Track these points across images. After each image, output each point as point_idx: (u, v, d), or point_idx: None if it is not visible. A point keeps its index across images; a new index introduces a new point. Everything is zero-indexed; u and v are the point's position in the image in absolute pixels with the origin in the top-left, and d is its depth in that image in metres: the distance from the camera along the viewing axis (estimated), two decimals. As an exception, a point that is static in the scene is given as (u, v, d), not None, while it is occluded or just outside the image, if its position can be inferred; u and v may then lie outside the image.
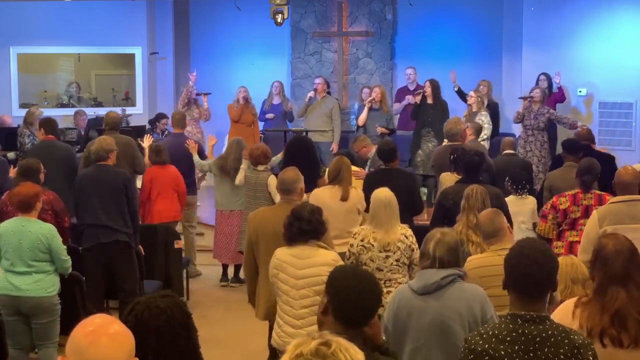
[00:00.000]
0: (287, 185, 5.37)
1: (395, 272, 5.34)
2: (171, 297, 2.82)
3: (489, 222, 4.70)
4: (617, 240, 3.56)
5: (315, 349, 2.05)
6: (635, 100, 11.33)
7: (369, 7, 13.07)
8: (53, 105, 12.77)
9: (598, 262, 3.52)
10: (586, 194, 5.99)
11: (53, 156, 7.83)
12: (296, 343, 2.09)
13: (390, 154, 7.11)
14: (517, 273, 2.98)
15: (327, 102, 11.40)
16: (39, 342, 5.65)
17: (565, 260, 5.02)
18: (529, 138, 10.24)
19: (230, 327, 7.30)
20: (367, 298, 3.04)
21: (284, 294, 4.60)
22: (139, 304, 2.77)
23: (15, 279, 5.51)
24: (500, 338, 2.92)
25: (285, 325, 4.60)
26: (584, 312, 3.43)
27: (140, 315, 2.72)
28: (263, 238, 5.19)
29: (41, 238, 5.53)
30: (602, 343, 3.34)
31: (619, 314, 3.36)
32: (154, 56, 13.40)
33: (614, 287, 3.42)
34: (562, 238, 6.01)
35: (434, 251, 3.85)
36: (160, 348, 2.69)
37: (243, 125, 11.00)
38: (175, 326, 2.73)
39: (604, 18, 11.50)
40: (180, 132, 8.90)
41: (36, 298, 5.53)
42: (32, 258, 5.53)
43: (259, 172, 7.67)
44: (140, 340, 2.62)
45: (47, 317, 5.60)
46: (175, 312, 2.75)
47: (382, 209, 5.38)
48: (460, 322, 3.74)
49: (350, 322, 2.92)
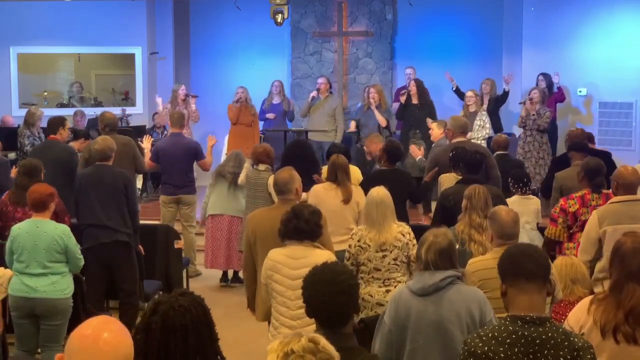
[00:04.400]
0: (280, 186, 5.33)
1: (393, 271, 5.33)
2: (190, 294, 2.82)
3: (512, 224, 4.47)
4: (636, 238, 3.57)
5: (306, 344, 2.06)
6: (635, 100, 11.33)
7: (369, 7, 13.07)
8: (53, 105, 12.78)
9: (616, 260, 3.54)
10: (594, 194, 5.95)
11: (54, 156, 7.84)
12: (282, 342, 2.11)
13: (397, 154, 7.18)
14: (508, 264, 3.09)
15: (330, 101, 11.41)
16: (45, 344, 5.61)
17: (565, 260, 5.02)
18: (528, 139, 10.23)
19: (230, 327, 7.29)
20: (338, 299, 3.12)
21: (279, 294, 4.56)
22: (161, 304, 2.73)
23: (31, 280, 5.48)
24: (500, 340, 2.92)
25: (281, 326, 4.55)
26: (599, 308, 3.44)
27: (166, 316, 2.68)
28: (261, 238, 5.15)
29: (57, 239, 5.52)
30: (616, 339, 3.36)
31: (634, 311, 3.38)
32: (154, 56, 13.40)
33: (630, 284, 3.43)
34: (573, 239, 5.95)
35: (426, 256, 3.84)
36: (187, 348, 2.67)
37: (242, 126, 11.00)
38: (199, 324, 2.72)
39: (604, 18, 11.50)
40: (178, 131, 8.90)
41: (53, 300, 5.51)
42: (48, 259, 5.51)
43: (260, 171, 7.64)
44: (167, 341, 2.63)
45: (60, 319, 5.58)
46: (198, 309, 2.74)
47: (373, 208, 5.37)
48: (458, 324, 3.73)
49: (327, 324, 2.99)
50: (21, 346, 5.59)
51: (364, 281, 5.34)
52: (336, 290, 3.15)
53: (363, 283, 5.31)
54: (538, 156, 10.16)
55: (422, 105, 10.33)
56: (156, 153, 8.64)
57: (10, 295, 5.44)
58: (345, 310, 3.16)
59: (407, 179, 7.25)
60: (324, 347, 2.08)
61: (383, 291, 5.30)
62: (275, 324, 4.61)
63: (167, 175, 8.72)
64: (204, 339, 2.73)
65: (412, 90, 10.44)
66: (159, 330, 2.65)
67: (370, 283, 5.35)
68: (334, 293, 3.14)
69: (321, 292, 3.15)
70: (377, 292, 5.30)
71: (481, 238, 5.17)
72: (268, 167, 7.68)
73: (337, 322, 3.09)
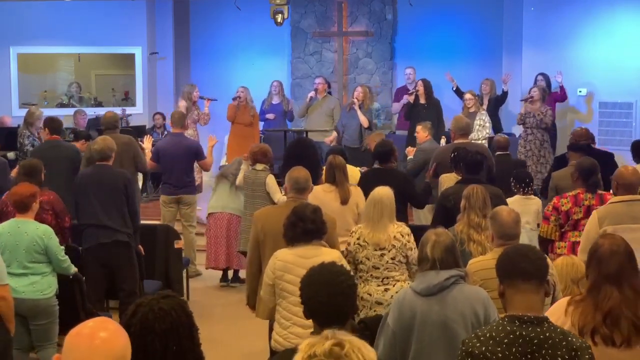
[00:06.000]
0: (302, 184, 5.31)
1: (392, 270, 5.32)
2: (173, 297, 2.78)
3: (513, 224, 4.44)
4: (614, 240, 3.57)
5: (329, 349, 2.05)
6: (635, 100, 11.33)
7: (369, 7, 13.07)
8: (53, 105, 12.78)
9: (593, 262, 3.54)
10: (587, 194, 5.96)
11: (59, 156, 7.83)
12: (309, 342, 2.10)
13: (386, 155, 7.08)
14: (505, 265, 3.12)
15: (328, 101, 11.40)
16: (38, 343, 5.63)
17: (565, 260, 5.01)
18: (529, 137, 10.24)
19: (230, 327, 7.30)
20: (336, 300, 3.12)
21: (291, 294, 4.50)
22: (141, 306, 2.70)
23: (12, 280, 5.44)
24: (498, 340, 2.93)
25: (293, 326, 4.55)
26: (577, 310, 3.44)
27: (144, 319, 2.66)
28: (270, 237, 5.14)
29: (37, 239, 5.50)
30: (594, 341, 3.34)
31: (612, 313, 3.37)
32: (154, 56, 13.40)
33: (607, 286, 3.43)
34: (564, 239, 5.98)
35: (432, 253, 3.84)
36: (166, 351, 2.65)
37: (241, 126, 11.00)
38: (180, 328, 2.69)
39: (604, 18, 11.50)
40: (179, 131, 8.89)
41: (32, 300, 5.49)
42: (28, 259, 5.49)
43: (258, 171, 7.63)
44: (145, 344, 2.60)
45: (45, 319, 5.57)
46: (179, 313, 2.71)
47: (371, 207, 5.36)
48: (463, 323, 3.73)
49: (325, 325, 2.95)
50: (14, 345, 5.58)
51: (363, 280, 5.33)
52: (335, 291, 3.15)
53: (362, 282, 5.30)
54: (539, 154, 10.16)
55: (429, 105, 10.33)
56: (157, 153, 8.64)
57: None
58: (344, 311, 3.16)
59: (402, 178, 7.21)
60: (347, 353, 2.06)
61: (382, 290, 5.29)
62: (285, 323, 4.59)
63: (168, 175, 8.71)
64: (185, 343, 2.69)
65: (420, 90, 10.44)
66: (137, 333, 2.61)
67: (368, 282, 5.33)
68: (332, 294, 3.14)
69: (320, 293, 3.15)
70: (376, 290, 5.29)
71: (480, 238, 5.17)
72: (266, 167, 7.66)
73: (335, 323, 3.07)
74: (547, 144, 10.26)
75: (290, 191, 5.41)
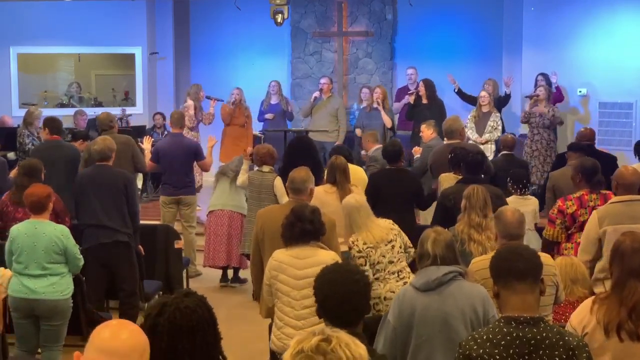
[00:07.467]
0: (298, 184, 5.27)
1: (402, 259, 5.34)
2: (194, 294, 2.84)
3: (517, 224, 4.47)
4: (635, 237, 3.61)
5: (315, 345, 2.06)
6: (635, 100, 11.33)
7: (369, 7, 13.07)
8: (53, 105, 12.78)
9: (616, 258, 3.57)
10: (592, 194, 5.91)
11: (59, 156, 7.83)
12: (298, 339, 2.10)
13: (395, 155, 7.09)
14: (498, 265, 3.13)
15: (332, 101, 11.42)
16: (45, 344, 5.61)
17: (565, 260, 5.03)
18: (535, 137, 10.23)
19: (230, 328, 7.24)
20: (353, 299, 3.12)
21: (284, 294, 4.55)
22: (167, 305, 2.73)
23: (30, 281, 5.46)
24: (495, 342, 2.93)
25: (285, 326, 4.55)
26: (602, 307, 3.46)
27: (172, 318, 2.69)
28: (269, 236, 5.14)
29: (56, 240, 5.51)
30: (620, 337, 3.37)
31: (637, 308, 3.40)
32: (154, 56, 13.40)
33: (632, 281, 3.46)
34: (571, 240, 5.91)
35: (433, 249, 3.87)
36: (194, 348, 2.69)
37: (235, 127, 11.02)
38: (204, 324, 2.73)
39: (604, 18, 11.50)
40: (179, 131, 8.89)
41: (53, 301, 5.50)
42: (47, 260, 5.50)
43: (264, 173, 7.49)
44: (174, 343, 2.64)
45: (60, 320, 5.57)
46: (203, 310, 2.76)
47: (356, 215, 5.35)
48: (462, 319, 3.75)
49: (341, 323, 2.94)
50: (21, 346, 5.58)
51: (381, 280, 5.24)
52: (352, 289, 3.16)
53: (381, 282, 5.22)
54: (546, 154, 10.15)
55: (432, 105, 10.33)
56: (156, 153, 8.63)
57: (10, 296, 5.43)
58: (359, 310, 3.16)
59: (413, 179, 7.23)
60: (334, 349, 2.06)
61: (401, 284, 5.17)
62: (279, 323, 4.60)
63: (167, 175, 8.70)
64: (209, 339, 2.74)
65: (421, 91, 10.43)
66: (166, 332, 2.66)
67: (387, 280, 5.24)
68: (350, 293, 3.14)
69: (338, 292, 3.14)
70: (397, 287, 5.16)
71: (481, 238, 5.17)
72: (272, 169, 7.55)
73: (349, 322, 3.06)
74: (554, 144, 10.25)
75: (289, 191, 5.43)
